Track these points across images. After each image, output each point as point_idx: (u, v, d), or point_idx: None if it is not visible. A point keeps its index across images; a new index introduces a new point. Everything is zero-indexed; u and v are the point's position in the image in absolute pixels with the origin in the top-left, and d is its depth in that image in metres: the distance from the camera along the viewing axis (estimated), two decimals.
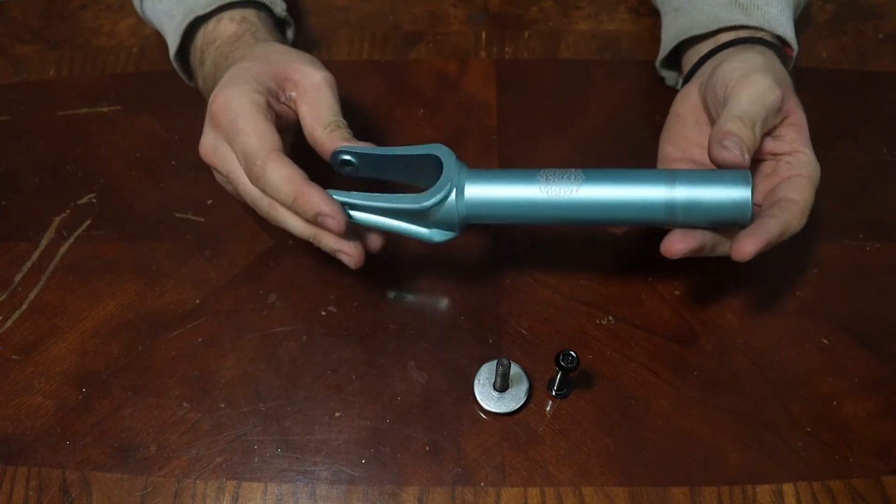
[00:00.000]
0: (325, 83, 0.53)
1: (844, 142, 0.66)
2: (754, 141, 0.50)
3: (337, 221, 0.49)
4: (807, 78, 0.70)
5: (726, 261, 0.59)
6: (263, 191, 0.50)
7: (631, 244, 0.60)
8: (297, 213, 0.50)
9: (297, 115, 0.54)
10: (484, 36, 0.73)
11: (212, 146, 0.53)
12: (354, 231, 0.52)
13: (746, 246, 0.48)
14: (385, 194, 0.51)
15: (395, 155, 0.53)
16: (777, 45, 0.58)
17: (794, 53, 0.61)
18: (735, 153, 0.49)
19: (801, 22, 0.74)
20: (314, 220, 0.49)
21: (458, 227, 0.51)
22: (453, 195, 0.50)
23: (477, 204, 0.50)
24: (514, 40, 0.73)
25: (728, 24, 0.59)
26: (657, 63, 0.67)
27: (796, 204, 0.50)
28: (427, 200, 0.50)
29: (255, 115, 0.50)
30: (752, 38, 0.58)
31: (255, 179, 0.50)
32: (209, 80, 0.59)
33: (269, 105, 0.52)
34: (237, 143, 0.50)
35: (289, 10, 0.72)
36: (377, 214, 0.52)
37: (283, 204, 0.50)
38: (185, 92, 0.66)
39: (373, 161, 0.53)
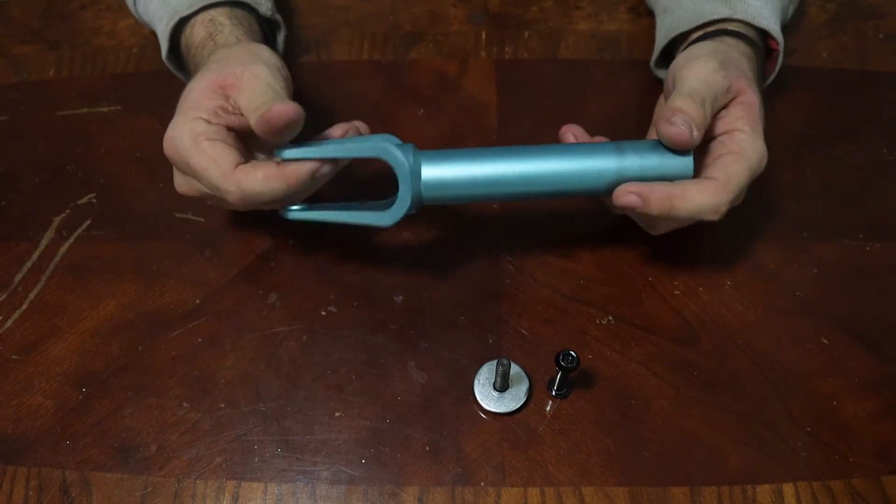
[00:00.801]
0: (253, 76, 0.51)
1: (844, 142, 0.66)
2: (704, 118, 0.49)
3: (330, 167, 0.51)
4: (807, 78, 0.70)
5: (726, 261, 0.60)
6: (258, 202, 0.50)
7: (631, 244, 0.60)
8: (300, 192, 0.51)
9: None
10: (484, 36, 0.73)
11: (185, 183, 0.53)
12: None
13: (623, 195, 0.50)
14: (347, 211, 0.53)
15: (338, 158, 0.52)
16: (751, 38, 0.58)
17: (781, 47, 0.61)
18: (682, 128, 0.48)
19: (801, 22, 0.74)
20: (315, 180, 0.51)
21: (414, 209, 0.52)
22: (409, 180, 0.50)
23: (434, 185, 0.51)
24: (514, 40, 0.73)
25: (711, 17, 0.59)
26: (651, 64, 0.67)
27: (713, 181, 0.50)
28: (390, 219, 0.51)
29: (200, 146, 0.49)
30: (719, 31, 0.58)
31: (241, 203, 0.50)
32: None
33: (209, 125, 0.50)
34: (203, 181, 0.50)
35: (288, 10, 0.72)
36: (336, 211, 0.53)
37: (281, 200, 0.51)
38: None
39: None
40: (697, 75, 0.51)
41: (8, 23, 0.75)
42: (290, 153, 0.50)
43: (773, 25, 0.59)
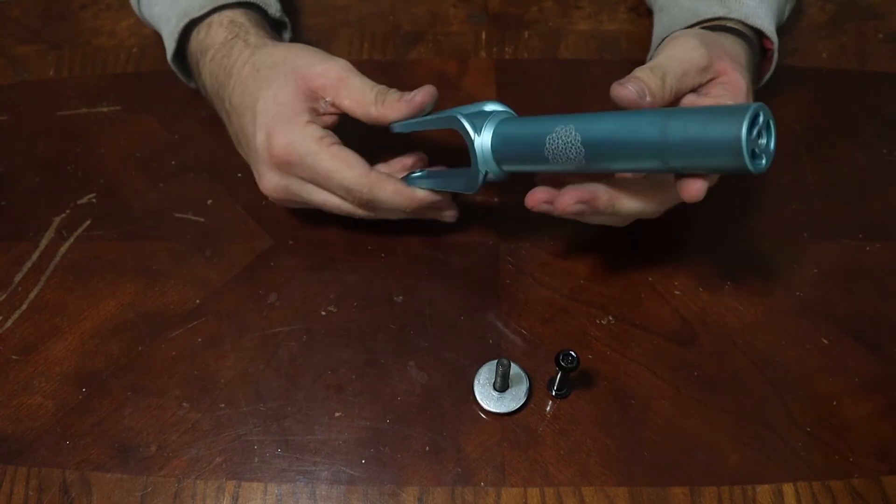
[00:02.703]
0: (345, 70, 0.54)
1: (844, 142, 0.66)
2: (661, 89, 0.48)
3: (454, 212, 0.58)
4: (807, 78, 0.70)
5: (726, 261, 0.60)
6: (375, 209, 0.55)
7: (631, 244, 0.60)
8: (414, 216, 0.56)
9: (339, 110, 0.55)
10: (484, 36, 0.73)
11: (281, 187, 0.55)
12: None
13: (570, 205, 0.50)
14: (445, 175, 0.56)
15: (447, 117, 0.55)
16: (747, 36, 0.58)
17: (775, 47, 0.61)
18: (629, 90, 0.47)
19: (801, 22, 0.74)
20: (433, 216, 0.58)
21: (491, 168, 0.53)
22: (488, 140, 0.52)
23: (495, 149, 0.52)
24: (514, 40, 0.73)
25: (706, 16, 0.59)
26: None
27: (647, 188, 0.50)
28: (471, 186, 0.53)
29: (329, 150, 0.53)
30: (716, 28, 0.58)
31: (363, 204, 0.54)
32: (211, 93, 0.60)
33: (324, 129, 0.54)
34: (333, 183, 0.53)
35: (288, 10, 0.71)
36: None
37: (399, 213, 0.56)
38: (185, 92, 0.66)
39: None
40: (670, 52, 0.51)
41: (8, 23, 0.75)
42: (418, 181, 0.55)
43: (767, 25, 0.60)
